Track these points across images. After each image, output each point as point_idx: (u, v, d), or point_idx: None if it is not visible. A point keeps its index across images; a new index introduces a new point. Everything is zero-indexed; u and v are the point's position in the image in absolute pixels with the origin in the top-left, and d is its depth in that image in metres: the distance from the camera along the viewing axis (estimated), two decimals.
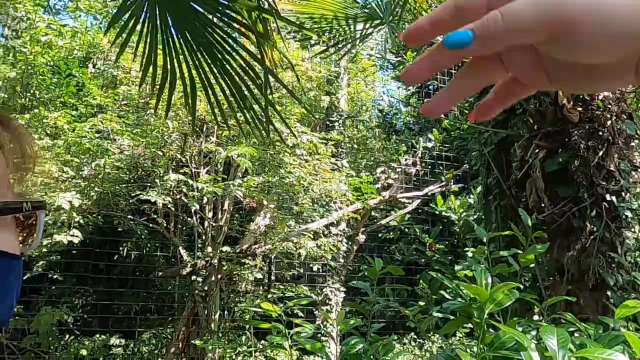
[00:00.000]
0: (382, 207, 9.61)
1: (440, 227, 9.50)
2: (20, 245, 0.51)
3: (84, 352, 7.54)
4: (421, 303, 2.48)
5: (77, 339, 7.84)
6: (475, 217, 8.03)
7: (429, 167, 10.15)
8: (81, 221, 6.42)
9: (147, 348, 8.21)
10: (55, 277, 7.94)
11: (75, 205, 6.12)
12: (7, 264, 0.47)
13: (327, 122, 9.24)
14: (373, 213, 9.95)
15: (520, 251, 2.40)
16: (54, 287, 8.38)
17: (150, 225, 7.74)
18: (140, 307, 9.25)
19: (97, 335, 7.83)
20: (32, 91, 8.55)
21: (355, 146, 11.01)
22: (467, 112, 7.93)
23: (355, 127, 11.75)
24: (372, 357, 2.00)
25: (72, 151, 6.72)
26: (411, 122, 12.09)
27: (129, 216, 7.48)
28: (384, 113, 12.63)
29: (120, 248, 8.94)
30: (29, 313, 7.81)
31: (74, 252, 6.86)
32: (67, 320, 7.76)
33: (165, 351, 7.65)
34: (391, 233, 10.57)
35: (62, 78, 9.01)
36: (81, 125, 6.64)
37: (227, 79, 2.52)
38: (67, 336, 7.92)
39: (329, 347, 5.29)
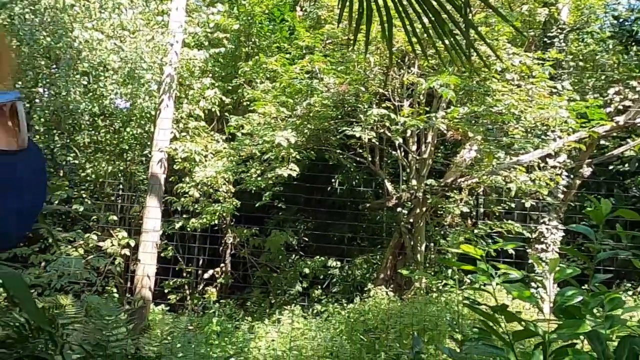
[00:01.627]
0: (614, 134, 8.18)
1: None
2: (16, 140, 0.49)
3: (306, 270, 8.58)
4: None
5: (301, 258, 8.94)
6: None
7: None
8: (297, 156, 7.09)
9: (359, 271, 8.90)
10: (280, 205, 9.07)
11: (291, 142, 6.76)
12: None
13: (545, 39, 8.06)
14: (602, 142, 8.56)
15: None
16: (280, 214, 9.61)
17: (357, 159, 8.12)
18: (352, 234, 10.02)
19: (317, 257, 8.79)
20: (252, 40, 9.52)
21: (581, 64, 9.43)
22: None
23: (581, 40, 10.00)
24: (594, 311, 1.74)
25: (286, 92, 7.35)
26: None
27: (337, 151, 7.96)
28: (621, 20, 10.39)
29: (332, 180, 9.67)
30: (262, 234, 9.18)
31: (294, 183, 7.68)
32: (292, 243, 8.89)
33: (375, 276, 8.18)
34: (626, 165, 9.00)
35: (277, 24, 9.77)
36: (293, 67, 7.16)
37: (422, 3, 2.33)
38: (293, 256, 9.09)
39: (539, 295, 4.90)
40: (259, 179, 7.30)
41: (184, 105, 8.29)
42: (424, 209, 7.55)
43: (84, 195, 8.31)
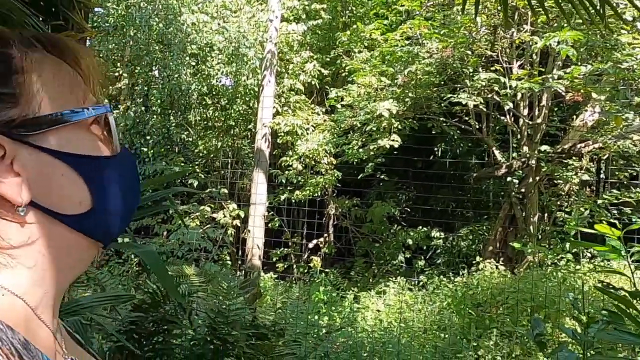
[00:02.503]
0: None
1: None
2: (110, 146, 0.55)
3: (409, 241, 8.48)
4: None
5: (404, 229, 8.85)
6: None
7: None
8: (399, 126, 6.93)
9: (464, 243, 8.61)
10: (381, 176, 9.00)
11: (393, 112, 6.62)
12: (96, 165, 0.52)
13: None
14: None
15: None
16: (381, 184, 9.55)
17: (462, 126, 7.74)
18: (456, 204, 9.68)
19: (420, 227, 8.64)
20: (349, 8, 9.36)
21: None
22: None
23: None
24: None
25: (386, 61, 7.16)
26: None
27: (441, 119, 7.64)
28: None
29: (435, 149, 9.36)
30: (364, 205, 9.22)
31: (395, 153, 7.55)
32: (394, 213, 8.82)
33: (483, 248, 7.86)
34: None
35: None
36: (392, 34, 6.93)
37: None
38: (395, 226, 9.03)
39: None
40: (360, 150, 7.27)
41: (284, 80, 8.46)
42: (537, 177, 7.03)
43: (198, 170, 8.90)
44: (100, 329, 2.99)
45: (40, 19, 1.68)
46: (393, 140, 6.75)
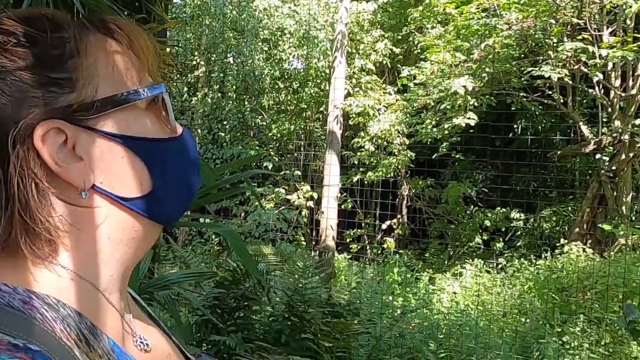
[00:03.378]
0: None
1: None
2: (168, 126, 0.54)
3: (487, 222, 8.19)
4: None
5: (481, 210, 8.55)
6: None
7: None
8: (475, 103, 6.65)
9: (547, 225, 8.17)
10: (457, 156, 8.73)
11: (468, 88, 6.36)
12: (155, 147, 0.51)
13: None
14: None
15: None
16: (457, 164, 9.26)
17: (545, 101, 7.29)
18: (538, 184, 9.18)
19: (498, 208, 8.30)
20: None
21: None
22: None
23: None
24: None
25: (461, 35, 6.87)
26: None
27: (521, 94, 7.24)
28: None
29: (515, 126, 8.90)
30: (438, 186, 9.01)
31: (471, 131, 7.28)
32: (471, 193, 8.54)
33: (568, 230, 7.43)
34: None
35: None
36: (467, 7, 6.62)
37: None
38: (471, 207, 8.75)
39: None
40: (434, 129, 7.08)
41: (355, 61, 8.39)
42: (631, 153, 6.48)
43: (272, 153, 9.13)
44: (186, 303, 3.19)
45: (126, 13, 1.79)
46: (469, 118, 6.50)
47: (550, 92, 7.03)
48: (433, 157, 7.63)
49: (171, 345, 0.60)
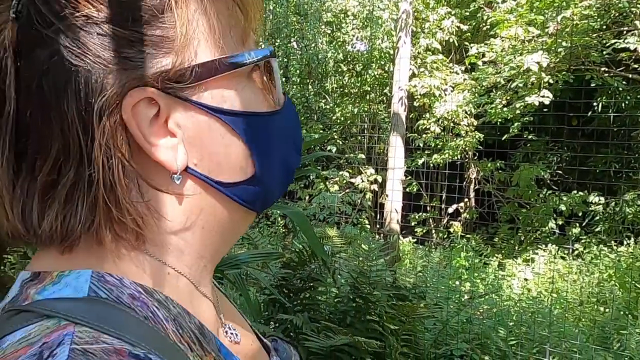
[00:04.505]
0: None
1: None
2: (272, 97, 0.45)
3: (562, 206, 7.76)
4: None
5: (555, 194, 8.10)
6: None
7: None
8: (550, 80, 6.27)
9: (630, 209, 7.61)
10: (529, 137, 8.30)
11: (543, 65, 6.00)
12: (260, 123, 0.43)
13: None
14: None
15: None
16: (529, 145, 8.82)
17: (630, 76, 6.73)
18: (620, 165, 8.55)
19: (575, 191, 7.84)
20: None
21: None
22: None
23: None
24: None
25: (535, 8, 6.47)
26: None
27: (602, 69, 6.73)
28: None
29: (595, 103, 8.31)
30: (508, 168, 8.63)
31: (545, 110, 6.88)
32: (544, 176, 8.11)
33: None
34: None
35: None
36: None
37: None
38: (545, 190, 8.32)
39: None
40: (505, 109, 6.76)
41: (420, 40, 8.16)
42: None
43: (336, 137, 9.15)
44: (255, 282, 3.30)
45: None
46: (543, 97, 6.14)
47: (636, 66, 6.48)
48: (503, 138, 7.31)
49: (249, 330, 0.54)
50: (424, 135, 7.88)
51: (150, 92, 0.38)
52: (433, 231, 8.63)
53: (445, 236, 8.31)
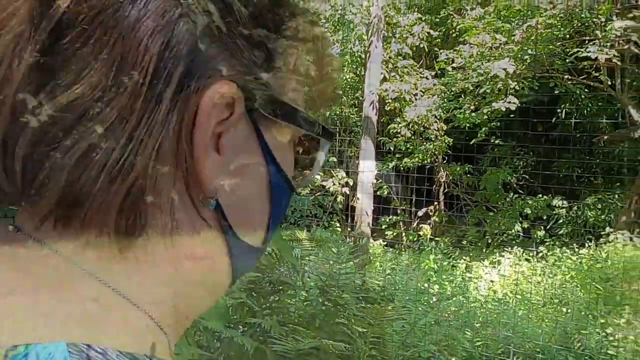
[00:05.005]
0: None
1: None
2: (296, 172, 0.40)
3: (527, 210, 7.97)
4: None
5: (521, 197, 8.31)
6: None
7: None
8: (516, 87, 6.44)
9: (592, 213, 7.88)
10: (496, 141, 8.50)
11: (509, 72, 6.16)
12: (287, 186, 0.38)
13: None
14: None
15: None
16: (496, 150, 9.03)
17: (591, 84, 6.98)
18: (582, 170, 8.84)
19: (539, 195, 8.06)
20: None
21: None
22: None
23: None
24: None
25: (502, 16, 6.65)
26: None
27: (565, 76, 6.95)
28: None
29: (558, 111, 8.57)
30: (477, 172, 8.81)
31: (511, 116, 7.07)
32: (510, 180, 8.31)
33: (614, 219, 7.14)
34: None
35: None
36: None
37: None
38: (511, 194, 8.52)
39: None
40: (473, 114, 6.91)
41: (392, 45, 8.25)
42: None
43: None
44: None
45: None
46: (509, 102, 6.31)
47: (597, 75, 6.73)
48: (471, 142, 7.46)
49: None
50: (394, 139, 7.97)
51: (235, 92, 0.31)
52: (403, 234, 8.72)
53: (415, 239, 8.41)
